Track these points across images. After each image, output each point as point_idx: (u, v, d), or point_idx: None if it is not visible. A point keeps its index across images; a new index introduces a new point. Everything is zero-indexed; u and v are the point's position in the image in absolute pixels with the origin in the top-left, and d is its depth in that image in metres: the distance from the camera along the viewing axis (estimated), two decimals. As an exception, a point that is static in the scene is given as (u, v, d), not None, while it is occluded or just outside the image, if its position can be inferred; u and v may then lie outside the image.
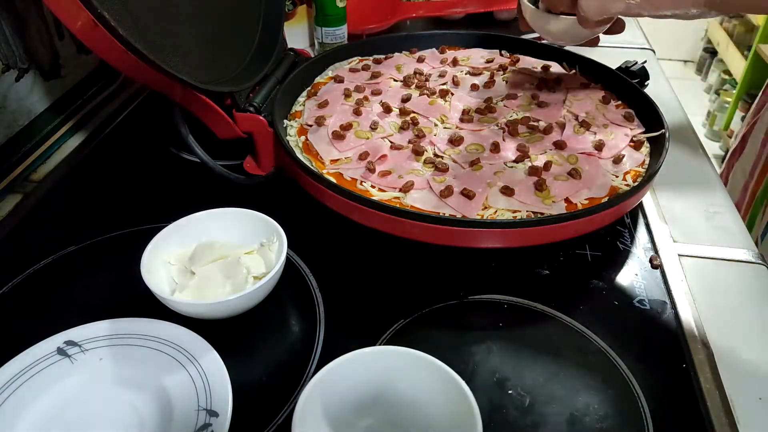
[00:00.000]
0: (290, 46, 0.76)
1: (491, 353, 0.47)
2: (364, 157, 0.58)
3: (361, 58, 0.79)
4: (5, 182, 0.64)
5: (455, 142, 0.61)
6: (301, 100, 0.70)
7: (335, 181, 0.56)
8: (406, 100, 0.68)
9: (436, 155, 0.60)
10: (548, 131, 0.62)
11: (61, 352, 0.44)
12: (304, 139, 0.62)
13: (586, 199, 0.54)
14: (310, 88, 0.72)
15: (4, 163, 0.64)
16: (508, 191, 0.54)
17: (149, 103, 0.84)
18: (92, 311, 0.47)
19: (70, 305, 0.51)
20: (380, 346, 0.46)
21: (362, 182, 0.56)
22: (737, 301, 0.52)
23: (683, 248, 0.57)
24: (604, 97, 0.68)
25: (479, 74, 0.74)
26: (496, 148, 0.60)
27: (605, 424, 0.42)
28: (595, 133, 0.63)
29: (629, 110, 0.67)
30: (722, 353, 0.47)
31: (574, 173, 0.56)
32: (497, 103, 0.68)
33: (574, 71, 0.74)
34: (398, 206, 0.52)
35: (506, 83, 0.72)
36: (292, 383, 0.44)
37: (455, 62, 0.76)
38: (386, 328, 0.48)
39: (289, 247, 0.49)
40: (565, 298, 0.52)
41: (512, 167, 0.58)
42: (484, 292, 0.52)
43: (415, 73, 0.73)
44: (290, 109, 0.69)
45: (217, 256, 0.50)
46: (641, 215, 0.61)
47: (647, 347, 0.47)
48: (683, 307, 0.51)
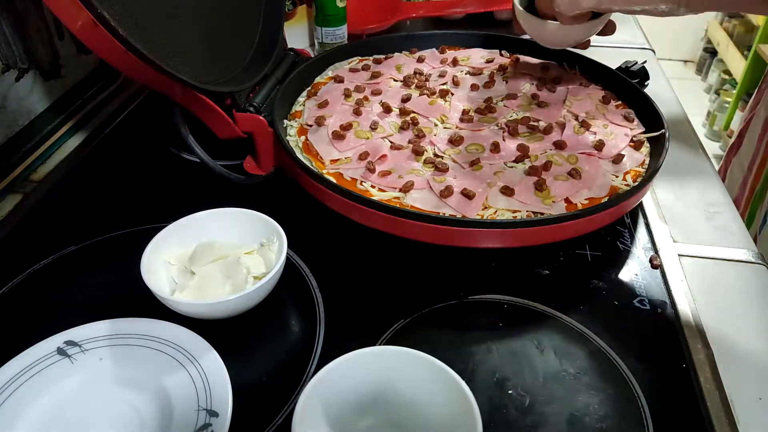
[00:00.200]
0: (290, 46, 0.76)
1: (491, 353, 0.47)
2: (364, 157, 0.58)
3: (361, 58, 0.79)
4: (5, 182, 0.64)
5: (455, 142, 0.61)
6: (301, 100, 0.70)
7: (335, 181, 0.56)
8: (406, 100, 0.68)
9: (436, 155, 0.60)
10: (548, 131, 0.62)
11: (61, 352, 0.44)
12: (304, 139, 0.62)
13: (586, 199, 0.54)
14: (310, 88, 0.72)
15: (4, 163, 0.64)
16: (508, 191, 0.54)
17: (149, 103, 0.84)
18: (92, 311, 0.47)
19: (70, 305, 0.51)
20: (380, 346, 0.46)
21: (362, 182, 0.56)
22: (737, 300, 0.52)
23: (683, 248, 0.57)
24: (604, 97, 0.68)
25: (479, 74, 0.74)
26: (496, 148, 0.60)
27: (605, 424, 0.42)
28: (595, 133, 0.63)
29: (629, 110, 0.67)
30: (722, 353, 0.47)
31: (574, 173, 0.56)
32: (497, 103, 0.68)
33: (574, 71, 0.74)
34: (398, 206, 0.52)
35: (506, 83, 0.72)
36: (292, 383, 0.44)
37: (455, 62, 0.76)
38: (386, 328, 0.48)
39: (289, 247, 0.49)
40: (565, 298, 0.52)
41: (512, 167, 0.58)
42: (484, 292, 0.52)
43: (415, 73, 0.73)
44: (290, 109, 0.69)
45: (217, 256, 0.50)
46: (641, 215, 0.61)
47: (647, 347, 0.47)
48: (683, 307, 0.51)
